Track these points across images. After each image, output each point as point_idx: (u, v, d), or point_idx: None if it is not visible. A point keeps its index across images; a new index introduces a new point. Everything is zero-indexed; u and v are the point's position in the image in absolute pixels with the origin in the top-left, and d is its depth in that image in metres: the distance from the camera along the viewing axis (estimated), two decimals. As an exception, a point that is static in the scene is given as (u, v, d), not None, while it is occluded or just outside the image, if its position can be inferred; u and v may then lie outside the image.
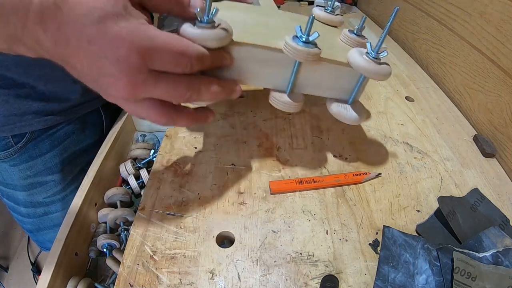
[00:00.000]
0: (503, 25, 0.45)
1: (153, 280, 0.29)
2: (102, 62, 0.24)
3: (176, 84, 0.27)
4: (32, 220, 0.58)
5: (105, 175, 0.47)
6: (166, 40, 0.26)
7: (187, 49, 0.27)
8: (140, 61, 0.25)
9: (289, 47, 0.31)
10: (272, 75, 0.36)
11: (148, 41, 0.25)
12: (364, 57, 0.33)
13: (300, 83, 0.37)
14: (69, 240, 0.36)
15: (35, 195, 0.54)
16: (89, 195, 0.42)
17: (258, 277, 0.30)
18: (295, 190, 0.38)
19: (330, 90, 0.38)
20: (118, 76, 0.25)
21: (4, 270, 1.19)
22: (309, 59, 0.32)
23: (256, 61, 0.34)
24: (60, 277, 0.34)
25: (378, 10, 0.94)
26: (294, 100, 0.36)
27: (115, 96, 0.27)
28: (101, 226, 0.43)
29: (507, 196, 0.39)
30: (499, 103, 0.46)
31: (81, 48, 0.24)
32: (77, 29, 0.24)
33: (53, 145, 0.52)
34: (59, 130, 0.53)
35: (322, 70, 0.35)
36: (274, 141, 0.45)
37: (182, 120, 0.30)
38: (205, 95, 0.30)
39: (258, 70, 0.35)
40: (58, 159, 0.53)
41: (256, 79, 0.36)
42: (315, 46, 0.32)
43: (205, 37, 0.29)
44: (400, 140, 0.46)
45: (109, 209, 0.44)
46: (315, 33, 0.31)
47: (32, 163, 0.51)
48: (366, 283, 0.29)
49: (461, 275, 0.28)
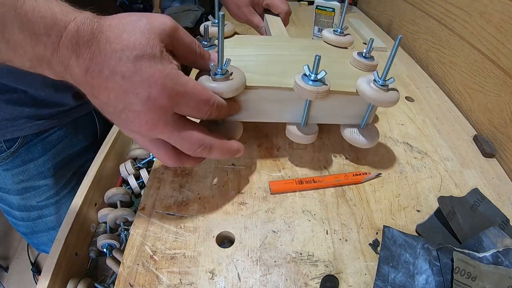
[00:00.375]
0: (503, 25, 0.45)
1: (153, 280, 0.29)
2: (131, 98, 0.25)
3: (192, 137, 0.29)
4: (26, 224, 0.58)
5: (105, 175, 0.47)
6: (194, 87, 0.28)
7: (210, 98, 0.29)
8: (168, 103, 0.26)
9: (299, 87, 0.33)
10: (286, 111, 0.38)
11: (179, 86, 0.27)
12: (371, 86, 0.34)
13: (313, 115, 0.39)
14: (69, 240, 0.36)
15: (28, 199, 0.54)
16: (89, 195, 0.42)
17: (258, 277, 0.30)
18: (295, 190, 0.38)
19: (342, 117, 0.40)
20: (143, 113, 0.26)
21: (4, 270, 1.19)
22: (319, 97, 0.33)
23: (270, 100, 0.37)
24: (60, 277, 0.34)
25: (378, 10, 0.94)
26: (309, 132, 0.38)
27: (133, 130, 0.28)
28: (101, 226, 0.43)
29: (507, 196, 0.39)
30: (499, 103, 0.46)
31: (112, 80, 0.25)
32: (112, 62, 0.24)
33: (46, 150, 0.52)
34: (51, 134, 0.52)
35: (333, 101, 0.37)
36: (274, 141, 0.45)
37: (189, 163, 0.32)
38: (213, 154, 0.31)
39: (273, 108, 0.38)
40: (50, 163, 0.53)
41: (271, 116, 0.39)
42: (323, 83, 0.34)
43: (221, 90, 0.31)
44: (400, 140, 0.46)
45: (109, 209, 0.44)
46: (322, 71, 0.33)
47: (25, 168, 0.51)
48: (366, 283, 0.29)
49: (461, 275, 0.28)
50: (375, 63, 0.41)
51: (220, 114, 0.31)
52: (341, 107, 0.38)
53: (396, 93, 0.35)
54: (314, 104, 0.37)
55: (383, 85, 0.34)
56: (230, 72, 0.33)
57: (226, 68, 0.32)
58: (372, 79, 0.35)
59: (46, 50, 0.23)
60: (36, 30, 0.22)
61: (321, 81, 0.33)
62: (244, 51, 0.41)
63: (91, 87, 0.26)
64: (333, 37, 0.46)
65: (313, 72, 0.33)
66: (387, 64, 0.33)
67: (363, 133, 0.39)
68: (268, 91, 0.35)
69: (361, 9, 1.06)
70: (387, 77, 0.34)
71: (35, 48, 0.23)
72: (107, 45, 0.24)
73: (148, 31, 0.26)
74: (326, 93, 0.33)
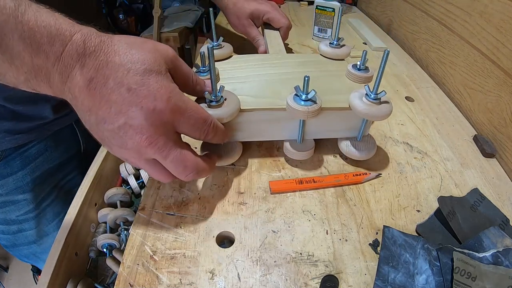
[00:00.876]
0: (503, 25, 0.45)
1: (153, 280, 0.29)
2: (134, 111, 0.25)
3: (187, 159, 0.29)
4: (6, 237, 0.57)
5: (105, 175, 0.47)
6: (194, 106, 0.29)
7: (208, 118, 0.30)
8: (170, 118, 0.27)
9: (290, 108, 0.35)
10: (282, 130, 0.40)
11: (181, 103, 0.27)
12: (363, 100, 0.35)
13: (309, 131, 0.40)
14: (69, 240, 0.36)
15: (7, 213, 0.54)
16: (89, 195, 0.42)
17: (258, 277, 0.30)
18: (295, 190, 0.38)
19: (338, 132, 0.41)
20: (145, 128, 0.26)
21: (4, 270, 1.19)
22: (310, 116, 0.34)
23: (266, 120, 0.38)
24: (60, 277, 0.34)
25: (378, 10, 0.94)
26: (305, 148, 0.40)
27: (130, 148, 0.27)
28: (101, 226, 0.43)
29: (507, 196, 0.39)
30: (499, 103, 0.46)
31: (117, 92, 0.25)
32: (119, 74, 0.25)
33: (25, 164, 0.51)
34: (30, 148, 0.52)
35: (328, 117, 0.38)
36: (274, 141, 0.45)
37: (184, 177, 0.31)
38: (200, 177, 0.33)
39: (269, 127, 0.39)
40: (29, 177, 0.52)
41: (268, 135, 0.40)
42: (314, 102, 0.35)
43: (216, 117, 0.32)
44: (400, 140, 0.46)
45: (109, 209, 0.44)
46: (312, 91, 0.34)
47: (3, 182, 0.50)
48: (366, 283, 0.29)
49: (461, 275, 0.28)
50: (369, 74, 0.41)
51: (216, 135, 0.32)
52: (336, 122, 0.39)
53: (388, 106, 0.35)
54: (309, 121, 0.38)
55: (375, 99, 0.35)
56: (225, 98, 0.34)
57: (220, 95, 0.34)
58: (364, 93, 0.36)
59: (47, 60, 0.23)
60: (38, 39, 0.22)
61: (311, 100, 0.35)
62: (241, 73, 0.43)
63: (90, 100, 0.25)
64: (329, 50, 0.47)
65: (303, 92, 0.34)
66: (377, 78, 0.33)
67: (360, 145, 0.40)
68: (263, 112, 0.37)
69: (361, 9, 1.06)
70: (378, 90, 0.34)
71: (34, 59, 0.23)
72: (116, 57, 0.25)
73: (154, 51, 0.27)
74: (317, 111, 0.35)
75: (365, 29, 0.83)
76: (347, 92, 0.38)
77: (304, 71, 0.33)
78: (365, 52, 0.41)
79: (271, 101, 0.37)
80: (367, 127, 0.39)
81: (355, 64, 0.42)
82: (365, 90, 0.36)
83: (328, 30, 0.74)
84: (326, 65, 0.46)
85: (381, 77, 0.33)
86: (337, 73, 0.44)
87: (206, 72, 0.40)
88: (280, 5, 1.08)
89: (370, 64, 0.42)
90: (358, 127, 0.39)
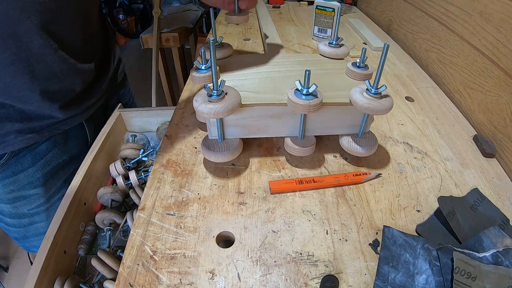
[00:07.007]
0: (503, 25, 0.45)
1: (153, 280, 0.29)
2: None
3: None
4: (18, 230, 0.58)
5: (95, 174, 0.47)
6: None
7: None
8: None
9: (291, 102, 0.34)
10: (283, 126, 0.39)
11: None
12: (364, 95, 0.35)
13: (310, 127, 0.40)
14: (58, 237, 0.36)
15: (19, 208, 0.55)
16: (79, 194, 0.42)
17: (258, 277, 0.30)
18: (295, 190, 0.38)
19: (339, 128, 0.40)
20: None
21: (4, 270, 1.19)
22: (311, 110, 0.34)
23: (266, 116, 0.38)
24: (49, 274, 0.34)
25: (378, 10, 0.94)
26: (306, 144, 0.39)
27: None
28: (90, 225, 0.44)
29: (507, 196, 0.39)
30: (499, 103, 0.46)
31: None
32: None
33: (35, 160, 0.52)
34: (40, 145, 0.52)
35: (329, 113, 0.38)
36: (274, 141, 0.45)
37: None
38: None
39: (270, 124, 0.39)
40: (40, 173, 0.53)
41: (269, 131, 0.40)
42: (315, 96, 0.34)
43: (217, 111, 0.33)
44: (400, 140, 0.46)
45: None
46: (313, 85, 0.34)
47: (15, 178, 0.52)
48: (366, 283, 0.29)
49: (461, 275, 0.28)
50: (369, 71, 0.41)
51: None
52: (336, 118, 0.39)
53: (389, 100, 0.35)
54: (310, 117, 0.38)
55: (376, 94, 0.34)
56: (226, 92, 0.34)
57: (221, 89, 0.34)
58: (365, 89, 0.35)
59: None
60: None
61: (312, 95, 0.34)
62: (241, 71, 0.43)
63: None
64: (329, 50, 0.47)
65: (304, 86, 0.34)
66: (378, 72, 0.33)
67: (361, 142, 0.39)
68: (264, 107, 0.37)
69: (361, 9, 1.06)
70: (379, 84, 0.34)
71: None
72: None
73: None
74: (318, 106, 0.34)
75: (365, 29, 0.83)
76: (347, 89, 0.38)
77: (304, 69, 0.33)
78: (365, 50, 0.41)
79: (272, 97, 0.37)
80: (368, 123, 0.39)
81: (355, 62, 0.42)
82: (365, 86, 0.35)
83: (328, 30, 0.74)
84: (325, 64, 0.46)
85: (381, 71, 0.33)
86: (337, 72, 0.44)
87: (206, 69, 0.40)
88: (280, 5, 1.08)
89: (370, 64, 0.42)
90: (359, 123, 0.39)
